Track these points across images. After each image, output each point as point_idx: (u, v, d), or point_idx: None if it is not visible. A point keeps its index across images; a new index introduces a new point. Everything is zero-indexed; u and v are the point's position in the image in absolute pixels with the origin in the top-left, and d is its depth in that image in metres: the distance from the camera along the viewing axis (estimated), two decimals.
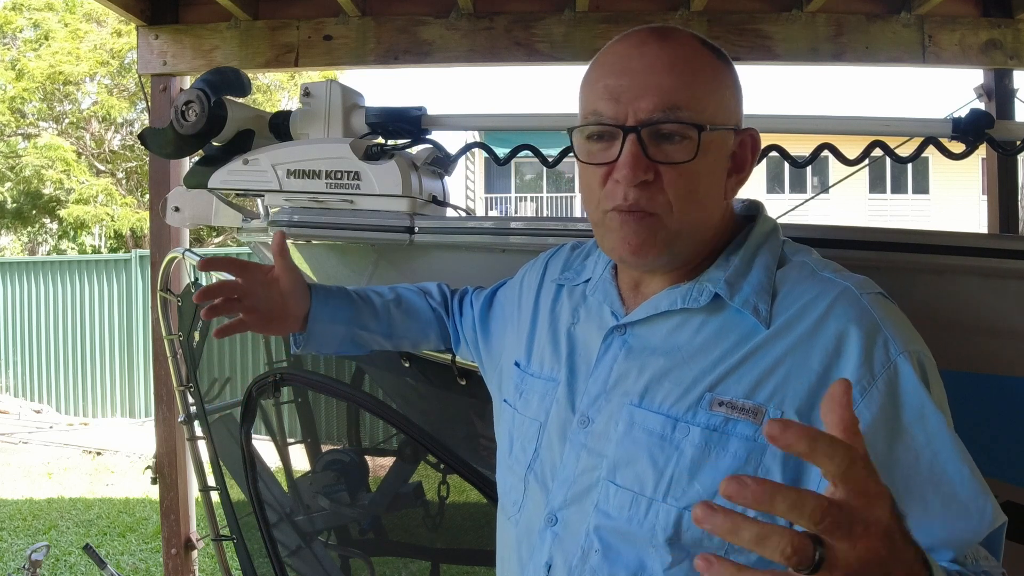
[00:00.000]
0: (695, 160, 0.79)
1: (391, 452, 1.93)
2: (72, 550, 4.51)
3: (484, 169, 17.41)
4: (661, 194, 0.80)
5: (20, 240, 16.26)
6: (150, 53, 2.90)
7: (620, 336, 0.87)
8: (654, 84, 0.79)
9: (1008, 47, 2.76)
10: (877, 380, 0.73)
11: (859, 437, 0.51)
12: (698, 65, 0.81)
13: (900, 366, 0.74)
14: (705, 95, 0.80)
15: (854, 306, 0.77)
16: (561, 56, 2.82)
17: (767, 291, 0.81)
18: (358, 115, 1.58)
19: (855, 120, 1.52)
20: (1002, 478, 1.17)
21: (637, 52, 0.81)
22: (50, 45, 12.25)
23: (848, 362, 0.74)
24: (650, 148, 0.78)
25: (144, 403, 8.82)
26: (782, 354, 0.77)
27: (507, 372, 1.03)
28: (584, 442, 0.85)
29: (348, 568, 2.09)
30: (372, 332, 1.19)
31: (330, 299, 1.15)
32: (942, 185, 16.22)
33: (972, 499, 0.71)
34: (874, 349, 0.74)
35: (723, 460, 0.76)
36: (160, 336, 2.37)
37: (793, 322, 0.78)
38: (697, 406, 0.79)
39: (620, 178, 0.79)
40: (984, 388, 1.22)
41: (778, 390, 0.76)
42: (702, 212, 0.83)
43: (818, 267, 0.83)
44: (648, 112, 0.78)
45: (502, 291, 1.17)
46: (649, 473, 0.79)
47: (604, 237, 0.85)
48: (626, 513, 0.79)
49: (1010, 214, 2.89)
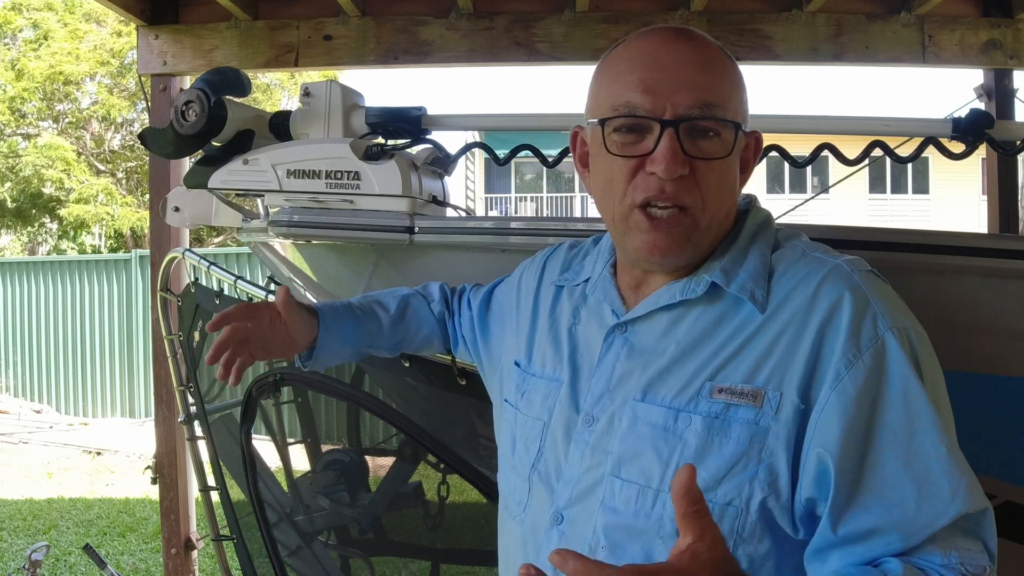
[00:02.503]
0: (729, 157, 0.81)
1: (391, 452, 1.93)
2: (72, 550, 4.50)
3: (484, 169, 17.41)
4: (696, 189, 0.80)
5: (20, 240, 16.27)
6: (150, 53, 2.90)
7: (621, 335, 0.88)
8: (690, 79, 0.79)
9: (1008, 47, 2.77)
10: (863, 354, 0.74)
11: (703, 514, 0.61)
12: (724, 65, 0.83)
13: (887, 341, 0.74)
14: (733, 94, 0.82)
15: (845, 282, 0.78)
16: (561, 56, 2.82)
17: (763, 276, 0.82)
18: (358, 115, 1.58)
19: (855, 120, 1.52)
20: (1002, 478, 1.16)
21: (666, 48, 0.81)
22: (50, 45, 12.25)
23: (837, 336, 0.75)
24: (686, 143, 0.79)
25: (144, 403, 8.82)
26: (777, 335, 0.78)
27: (507, 372, 1.03)
28: (589, 440, 0.85)
29: (348, 568, 2.09)
30: (377, 348, 1.21)
31: (337, 323, 1.15)
32: (942, 185, 16.21)
33: (945, 479, 0.71)
34: (863, 324, 0.75)
35: (727, 446, 0.76)
36: (160, 336, 2.37)
37: (785, 303, 0.80)
38: (698, 396, 0.79)
39: (658, 171, 0.79)
40: (984, 388, 1.22)
41: (776, 371, 0.77)
42: (726, 209, 0.85)
43: (809, 248, 0.85)
44: (687, 107, 0.79)
45: (499, 290, 1.17)
46: (655, 465, 0.79)
47: (627, 235, 0.84)
48: (633, 507, 0.80)
49: (1010, 214, 2.89)
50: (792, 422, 0.75)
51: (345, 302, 1.20)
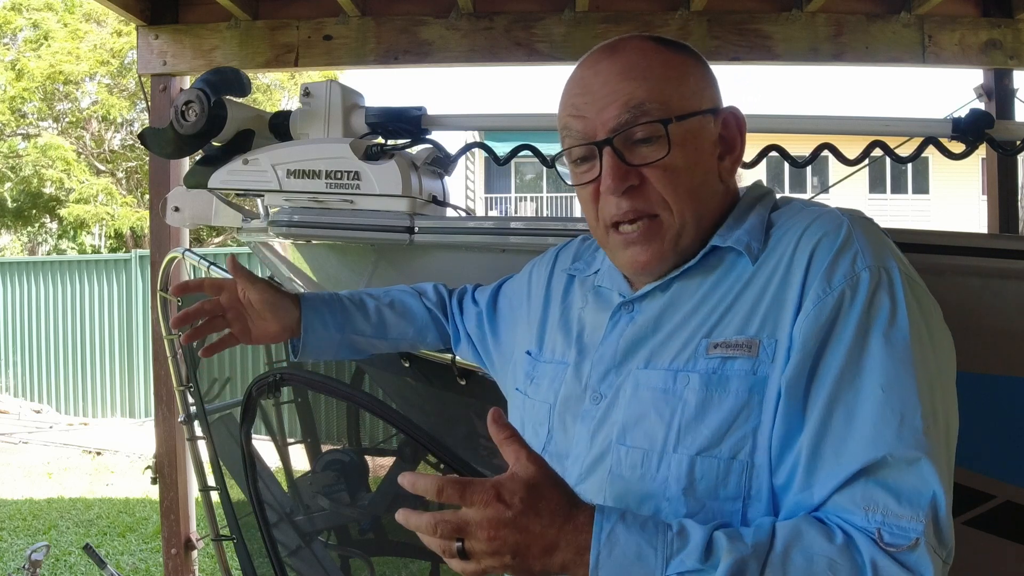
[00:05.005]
0: (671, 153, 0.81)
1: (391, 452, 1.93)
2: (72, 550, 4.50)
3: (484, 169, 17.41)
4: (654, 194, 0.82)
5: (20, 240, 16.27)
6: (150, 53, 2.90)
7: (628, 313, 0.88)
8: (611, 93, 0.82)
9: (1008, 47, 2.77)
10: (834, 291, 0.74)
11: (515, 441, 0.72)
12: (651, 63, 0.83)
13: (862, 279, 0.74)
14: (665, 89, 0.82)
15: (833, 221, 0.78)
16: (561, 56, 2.82)
17: (760, 231, 0.83)
18: (358, 115, 1.58)
19: (855, 120, 1.52)
20: (1002, 478, 1.16)
21: (591, 71, 0.84)
22: (50, 45, 12.25)
23: (816, 274, 0.75)
24: (627, 155, 0.81)
25: (144, 403, 8.82)
26: (766, 281, 0.79)
27: (519, 362, 1.04)
28: (595, 415, 0.86)
29: (348, 568, 2.09)
30: (367, 336, 1.22)
31: (321, 307, 1.17)
32: (942, 185, 16.22)
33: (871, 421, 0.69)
34: (840, 260, 0.75)
35: (726, 400, 0.76)
36: (160, 336, 2.37)
37: (774, 248, 0.80)
38: (695, 355, 0.79)
39: (605, 190, 0.82)
40: (984, 388, 1.22)
41: (768, 318, 0.77)
42: (699, 201, 0.84)
43: (806, 203, 0.86)
44: (613, 120, 0.81)
45: (507, 286, 1.18)
46: (658, 428, 0.79)
47: (613, 255, 0.89)
48: (639, 471, 0.80)
49: (1010, 214, 2.89)
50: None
51: (333, 292, 1.22)
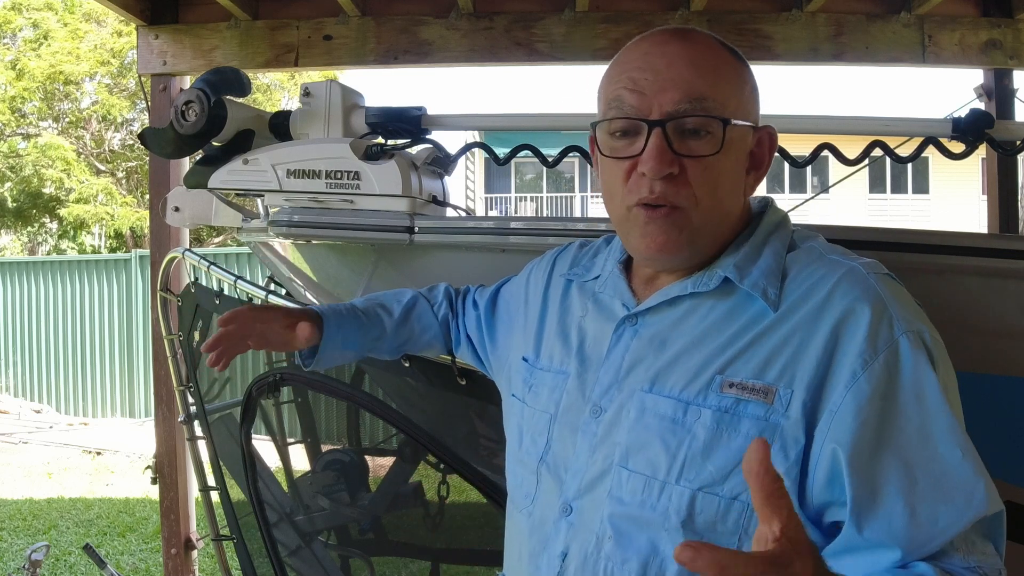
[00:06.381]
0: (719, 154, 0.80)
1: (391, 452, 1.92)
2: (72, 550, 4.50)
3: (484, 169, 17.41)
4: (686, 188, 0.81)
5: (20, 240, 16.27)
6: (150, 53, 2.90)
7: (632, 326, 0.88)
8: (677, 78, 0.80)
9: (1008, 47, 2.77)
10: (879, 355, 0.74)
11: (785, 495, 0.55)
12: (718, 62, 0.83)
13: (902, 344, 0.74)
14: (727, 90, 0.82)
15: (860, 284, 0.78)
16: (561, 56, 2.82)
17: (776, 275, 0.82)
18: (358, 115, 1.58)
19: (855, 120, 1.52)
20: (1002, 478, 1.16)
21: (659, 50, 0.83)
22: (50, 45, 12.25)
23: (853, 338, 0.75)
24: (675, 142, 0.80)
25: (144, 403, 8.82)
26: (789, 333, 0.78)
27: (515, 368, 1.03)
28: (596, 431, 0.85)
29: (348, 568, 2.09)
30: (380, 351, 1.22)
31: (340, 330, 1.15)
32: (942, 185, 16.21)
33: (962, 483, 0.71)
34: (879, 327, 0.75)
35: (735, 440, 0.76)
36: (160, 336, 2.37)
37: (800, 302, 0.79)
38: (708, 389, 0.79)
39: (646, 171, 0.80)
40: (984, 388, 1.22)
41: (787, 369, 0.77)
42: (723, 207, 0.84)
43: (826, 251, 0.84)
44: (673, 105, 0.80)
45: (506, 288, 1.18)
46: (662, 457, 0.79)
47: (628, 234, 0.86)
48: (639, 497, 0.80)
49: (1010, 214, 2.89)
50: (801, 421, 0.75)
51: (349, 305, 1.20)
